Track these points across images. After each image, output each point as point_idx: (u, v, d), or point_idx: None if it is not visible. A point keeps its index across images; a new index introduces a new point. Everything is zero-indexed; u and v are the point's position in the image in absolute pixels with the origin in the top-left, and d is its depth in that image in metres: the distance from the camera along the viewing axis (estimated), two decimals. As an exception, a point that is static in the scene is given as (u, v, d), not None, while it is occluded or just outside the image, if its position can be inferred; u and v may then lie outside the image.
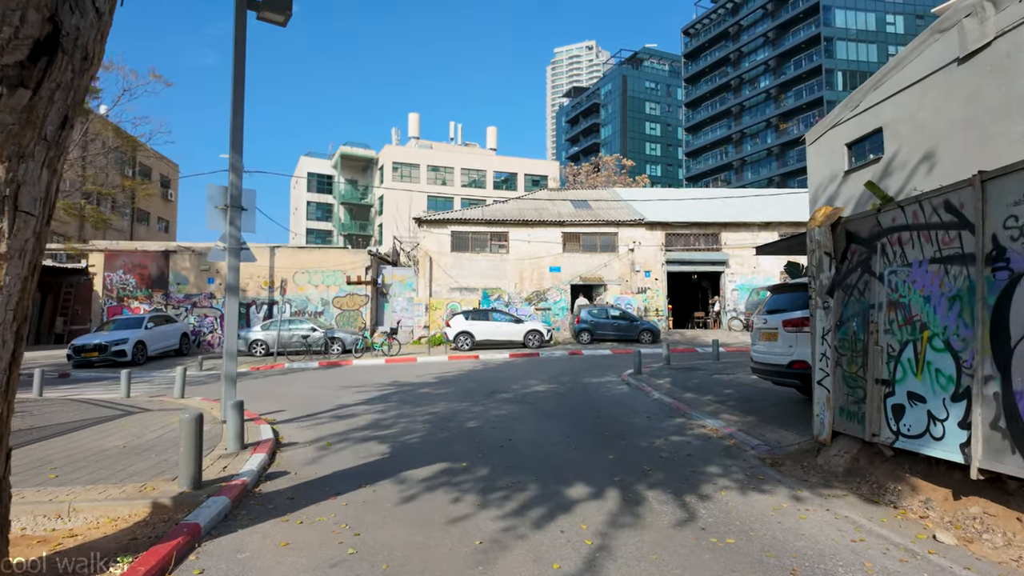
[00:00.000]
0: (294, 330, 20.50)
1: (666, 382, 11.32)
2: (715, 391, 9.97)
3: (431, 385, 12.14)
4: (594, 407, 9.14)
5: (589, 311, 22.45)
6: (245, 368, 17.48)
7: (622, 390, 11.01)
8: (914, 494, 4.65)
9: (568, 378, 12.89)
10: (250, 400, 10.59)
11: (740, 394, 9.49)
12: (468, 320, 21.16)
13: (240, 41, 7.62)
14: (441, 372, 14.65)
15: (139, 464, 5.50)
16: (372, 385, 12.29)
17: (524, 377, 13.26)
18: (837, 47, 56.15)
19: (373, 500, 4.73)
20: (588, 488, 5.01)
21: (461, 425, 7.79)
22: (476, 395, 10.59)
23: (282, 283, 18.87)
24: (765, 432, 6.89)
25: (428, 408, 9.20)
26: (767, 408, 8.11)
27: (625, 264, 25.65)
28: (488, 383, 12.28)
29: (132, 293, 23.65)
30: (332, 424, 8.09)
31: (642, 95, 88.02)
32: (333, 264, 24.05)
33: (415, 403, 9.78)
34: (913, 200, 4.79)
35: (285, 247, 24.29)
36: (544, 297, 25.23)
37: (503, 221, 25.24)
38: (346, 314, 23.98)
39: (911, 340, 4.71)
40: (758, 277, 25.88)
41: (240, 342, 20.98)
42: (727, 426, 7.31)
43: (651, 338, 22.09)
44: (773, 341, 7.39)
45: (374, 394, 10.99)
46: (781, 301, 7.58)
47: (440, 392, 11.13)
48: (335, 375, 14.87)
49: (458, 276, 24.72)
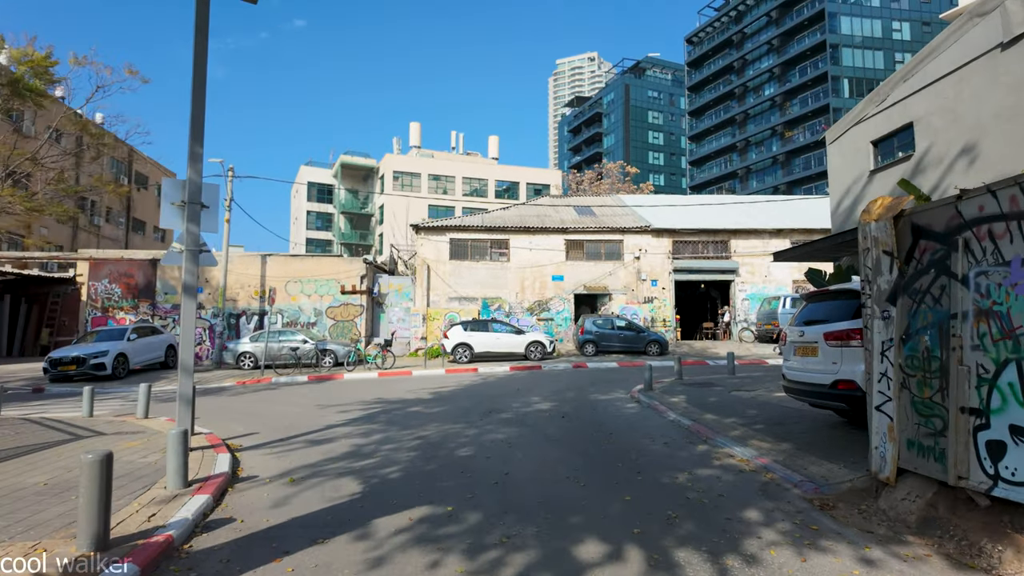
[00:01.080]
0: (284, 342, 19.53)
1: (681, 400, 10.29)
2: (738, 411, 8.94)
3: (424, 403, 11.13)
4: (603, 430, 8.12)
5: (594, 321, 21.44)
6: (231, 382, 16.53)
7: (633, 409, 9.98)
8: (1022, 558, 3.63)
9: (573, 394, 11.87)
10: (222, 420, 9.61)
11: (767, 415, 8.45)
12: (467, 331, 20.17)
13: (203, 15, 6.72)
14: (436, 387, 13.64)
15: (52, 509, 4.50)
16: (360, 403, 11.29)
17: (525, 393, 12.24)
18: (843, 54, 55.43)
19: (328, 564, 3.72)
20: (603, 545, 3.99)
21: (452, 453, 6.78)
22: (472, 415, 9.58)
23: (270, 291, 17.93)
24: (806, 464, 5.86)
25: (417, 431, 8.19)
26: (803, 433, 7.08)
27: (631, 273, 24.66)
28: (486, 400, 11.27)
29: (118, 303, 22.73)
30: (305, 452, 7.09)
31: (645, 104, 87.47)
32: (327, 273, 23.11)
33: (403, 425, 8.77)
34: (1010, 183, 3.81)
35: (277, 255, 23.38)
36: (546, 307, 24.23)
37: (504, 228, 24.31)
38: (340, 325, 23.00)
39: (1014, 359, 3.70)
40: (769, 286, 24.85)
41: (228, 354, 20.03)
42: (759, 455, 6.28)
43: (659, 350, 21.05)
44: (811, 357, 6.38)
45: (360, 414, 9.99)
46: (820, 310, 6.58)
47: (433, 411, 10.12)
48: (323, 390, 13.87)
49: (457, 285, 23.76)
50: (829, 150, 14.02)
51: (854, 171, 12.99)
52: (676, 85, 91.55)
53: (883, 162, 12.24)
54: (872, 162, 12.47)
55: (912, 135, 11.28)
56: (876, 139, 12.35)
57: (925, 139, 10.84)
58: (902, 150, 11.74)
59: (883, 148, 12.28)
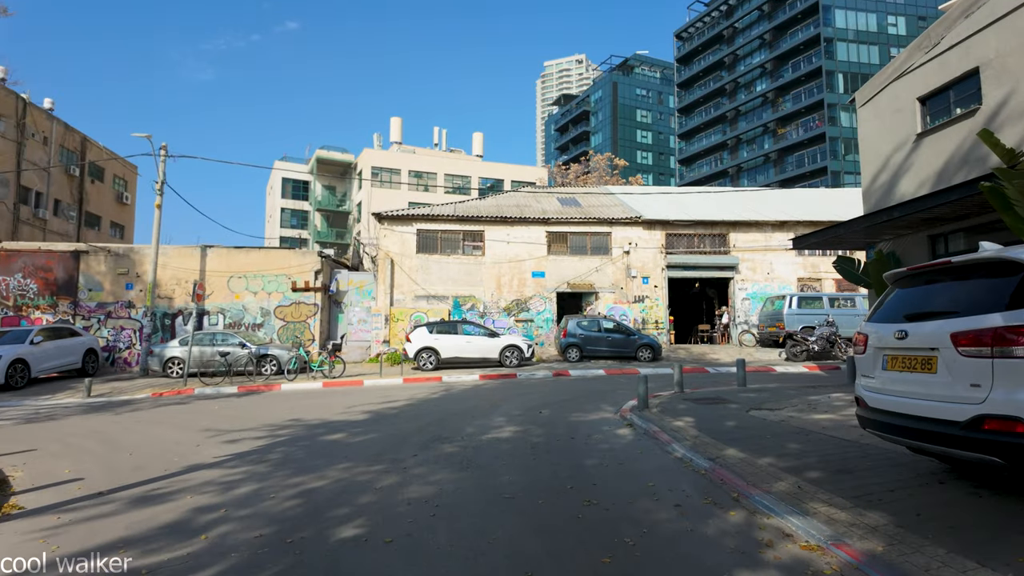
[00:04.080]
0: (220, 346, 16.76)
1: (688, 424, 7.75)
2: (772, 445, 6.41)
3: (352, 427, 8.48)
4: (583, 477, 5.54)
5: (578, 323, 18.91)
6: (146, 393, 13.78)
7: (624, 439, 7.42)
8: None
9: (548, 414, 9.29)
10: (57, 456, 6.93)
11: (820, 453, 5.92)
12: (432, 334, 17.54)
13: None
14: (382, 403, 11.00)
15: None
16: (267, 427, 8.61)
17: (489, 411, 9.65)
18: (838, 48, 53.70)
19: None
20: None
21: (332, 533, 4.15)
22: (406, 447, 6.96)
23: (194, 286, 15.18)
24: (934, 564, 3.32)
25: (309, 480, 5.57)
26: (892, 492, 4.55)
27: (619, 269, 22.16)
28: (435, 423, 8.66)
29: (33, 301, 19.78)
30: (108, 522, 4.45)
31: (633, 102, 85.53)
32: (276, 267, 20.34)
33: (299, 467, 6.13)
34: None
35: (219, 247, 20.57)
36: (525, 307, 21.64)
37: (478, 218, 21.69)
38: (291, 326, 20.24)
39: None
40: (772, 285, 22.49)
41: (153, 360, 17.23)
42: (838, 537, 3.73)
43: (651, 355, 18.56)
44: (924, 374, 3.86)
45: (253, 445, 7.33)
46: (934, 296, 4.07)
47: (356, 441, 7.48)
48: (239, 407, 11.17)
49: (425, 282, 21.10)
50: (860, 115, 11.60)
51: (894, 137, 10.57)
52: (665, 83, 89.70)
53: (935, 122, 9.82)
54: (919, 124, 10.06)
55: (978, 83, 8.88)
56: (925, 94, 9.94)
57: (999, 86, 8.43)
58: (961, 105, 9.34)
59: (935, 105, 9.87)
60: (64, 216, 39.51)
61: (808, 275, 22.81)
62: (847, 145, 52.56)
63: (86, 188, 41.25)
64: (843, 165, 52.11)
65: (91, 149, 42.31)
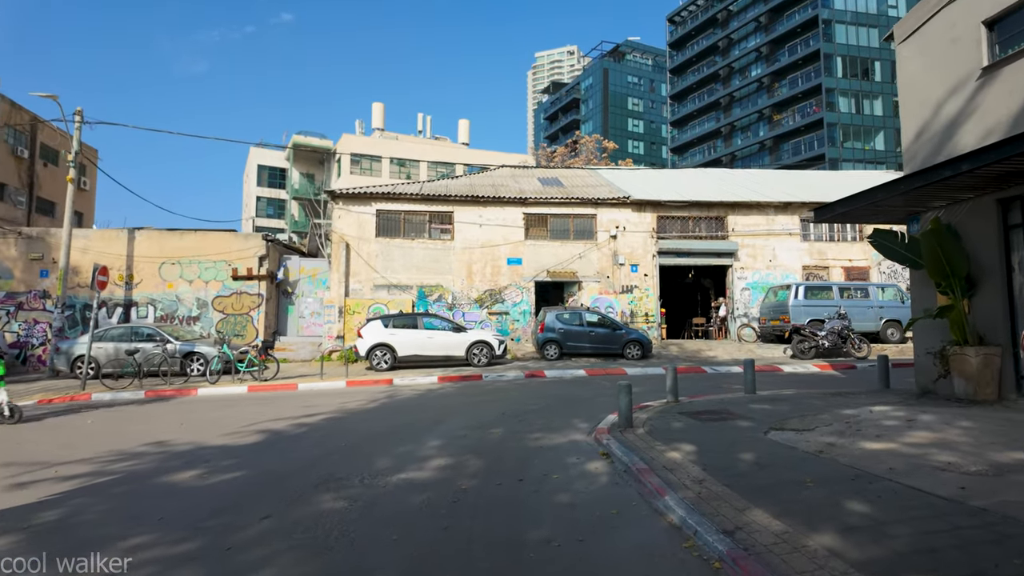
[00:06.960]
0: (136, 343, 14.31)
1: (687, 456, 5.44)
2: (819, 500, 4.11)
3: (223, 458, 6.11)
4: None
5: (558, 316, 16.58)
6: (33, 399, 11.31)
7: (595, 482, 5.10)
8: None
9: (501, 433, 6.97)
10: None
11: (909, 525, 3.63)
12: (388, 328, 15.14)
13: None
14: (296, 417, 8.62)
15: None
16: (109, 455, 6.24)
17: (424, 431, 7.31)
18: (836, 30, 51.46)
19: None
20: None
21: None
22: (268, 499, 4.63)
23: (94, 270, 12.70)
24: None
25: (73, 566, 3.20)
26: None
27: (605, 255, 19.83)
28: (341, 451, 6.31)
29: (-69, 291, 17.17)
30: None
31: (624, 90, 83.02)
32: (215, 252, 17.82)
33: (69, 538, 3.76)
34: None
35: (150, 229, 18.04)
36: (500, 298, 19.26)
37: (446, 198, 19.24)
38: (231, 320, 17.76)
39: None
40: (775, 273, 20.26)
41: (60, 359, 14.76)
42: None
43: (640, 352, 16.29)
44: None
45: (45, 492, 4.95)
46: None
47: (206, 484, 5.13)
48: (116, 421, 8.77)
49: (386, 270, 18.65)
50: (900, 53, 9.29)
51: (949, 76, 8.27)
52: (657, 71, 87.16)
53: (1008, 50, 7.52)
54: (986, 55, 7.76)
55: (1076, -9, 6.58)
56: (994, 16, 7.65)
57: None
58: (1048, 25, 7.05)
59: (1007, 28, 7.58)
60: (11, 201, 36.52)
61: (815, 262, 20.60)
62: (845, 131, 50.46)
63: (37, 171, 38.30)
64: (841, 152, 50.00)
65: (43, 130, 39.36)
